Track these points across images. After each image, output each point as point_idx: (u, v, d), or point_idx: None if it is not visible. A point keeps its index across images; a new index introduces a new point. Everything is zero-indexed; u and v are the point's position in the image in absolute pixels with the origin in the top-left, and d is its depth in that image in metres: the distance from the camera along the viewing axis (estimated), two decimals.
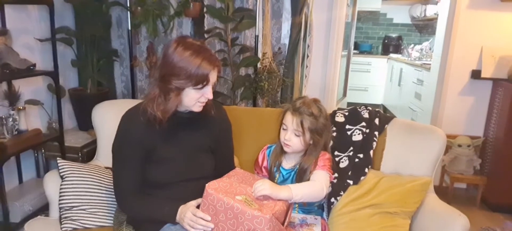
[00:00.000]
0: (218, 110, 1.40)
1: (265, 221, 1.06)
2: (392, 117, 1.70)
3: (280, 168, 1.35)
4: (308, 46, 2.59)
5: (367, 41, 5.73)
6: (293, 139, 1.27)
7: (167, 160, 1.28)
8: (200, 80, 1.18)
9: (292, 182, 1.31)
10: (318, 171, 1.26)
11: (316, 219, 1.36)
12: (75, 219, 1.39)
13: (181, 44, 1.18)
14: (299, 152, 1.32)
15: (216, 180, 1.19)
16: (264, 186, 1.13)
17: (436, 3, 4.59)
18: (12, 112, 2.03)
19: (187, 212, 1.17)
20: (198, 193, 1.20)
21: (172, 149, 1.29)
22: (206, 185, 1.15)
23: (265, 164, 1.41)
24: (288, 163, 1.35)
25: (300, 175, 1.29)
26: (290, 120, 1.27)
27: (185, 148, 1.31)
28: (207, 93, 1.22)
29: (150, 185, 1.28)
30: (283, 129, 1.30)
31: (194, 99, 1.22)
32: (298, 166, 1.32)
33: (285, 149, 1.31)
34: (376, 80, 5.45)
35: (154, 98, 1.22)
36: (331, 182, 1.50)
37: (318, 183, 1.23)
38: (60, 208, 1.42)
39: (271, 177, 1.36)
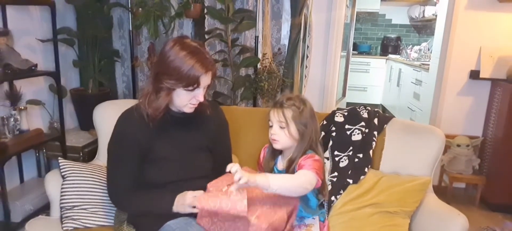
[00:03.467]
0: (214, 109, 1.41)
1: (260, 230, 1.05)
2: (391, 117, 1.71)
3: (274, 168, 1.35)
4: (308, 46, 2.60)
5: (366, 41, 5.74)
6: (278, 132, 1.26)
7: (164, 159, 1.29)
8: (190, 82, 1.17)
9: None
10: (304, 170, 1.22)
11: (314, 219, 1.36)
12: (76, 219, 1.39)
13: (178, 44, 1.18)
14: (289, 148, 1.31)
15: (218, 179, 1.19)
16: (240, 171, 1.02)
17: (434, 4, 4.61)
18: (13, 112, 2.04)
19: (186, 194, 1.20)
20: None
21: (168, 149, 1.29)
22: (208, 184, 1.16)
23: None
24: (281, 164, 1.35)
25: (287, 168, 1.29)
26: (273, 114, 1.27)
27: (181, 148, 1.31)
28: (198, 96, 1.22)
29: (147, 185, 1.29)
30: (270, 125, 1.31)
31: (185, 100, 1.22)
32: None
33: (274, 145, 1.30)
34: (375, 81, 5.46)
35: (147, 95, 1.23)
36: (330, 181, 1.51)
37: (297, 177, 1.19)
38: (61, 208, 1.42)
39: None
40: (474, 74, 2.69)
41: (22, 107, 2.09)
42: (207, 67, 1.19)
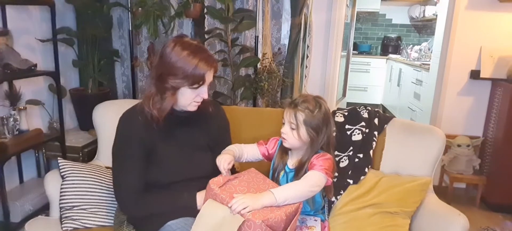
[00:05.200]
0: (215, 108, 1.42)
1: (254, 226, 1.05)
2: (392, 117, 1.71)
3: (286, 167, 1.35)
4: (308, 46, 2.60)
5: (366, 41, 5.74)
6: (288, 132, 1.25)
7: (167, 159, 1.28)
8: (196, 80, 1.19)
9: (292, 179, 1.30)
10: (313, 171, 1.22)
11: (316, 220, 1.36)
12: (76, 219, 1.39)
13: (178, 44, 1.20)
14: (299, 148, 1.31)
15: (221, 179, 1.19)
16: (242, 201, 1.08)
17: (435, 4, 4.60)
18: (13, 112, 2.04)
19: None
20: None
21: (171, 149, 1.29)
22: (210, 180, 1.16)
23: (272, 151, 1.39)
24: (291, 162, 1.35)
25: (298, 170, 1.28)
26: (287, 113, 1.27)
27: (183, 147, 1.31)
28: (203, 93, 1.24)
29: (150, 185, 1.28)
30: (283, 123, 1.30)
31: (189, 98, 1.23)
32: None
33: (283, 143, 1.30)
34: (375, 81, 5.46)
35: (151, 97, 1.24)
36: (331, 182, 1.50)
37: (303, 182, 1.19)
38: (60, 208, 1.42)
39: (276, 173, 1.36)
40: (475, 74, 2.68)
41: (22, 107, 2.08)
42: (211, 64, 1.21)
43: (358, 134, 1.63)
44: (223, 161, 1.22)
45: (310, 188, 1.19)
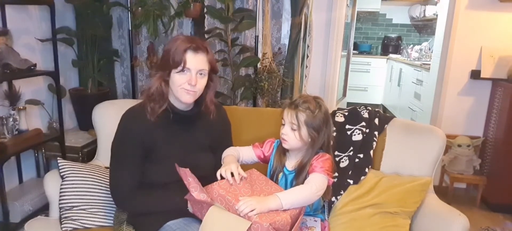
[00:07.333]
0: (217, 110, 1.41)
1: (261, 228, 1.04)
2: (392, 117, 1.70)
3: (284, 169, 1.34)
4: (308, 46, 2.59)
5: (366, 41, 5.74)
6: (289, 133, 1.25)
7: (167, 159, 1.28)
8: (177, 60, 1.20)
9: (292, 181, 1.30)
10: (315, 174, 1.23)
11: (315, 221, 1.35)
12: (75, 219, 1.39)
13: (176, 36, 1.30)
14: (298, 150, 1.30)
15: (225, 180, 1.19)
16: (249, 203, 1.08)
17: (435, 4, 4.60)
18: (12, 112, 2.04)
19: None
20: None
21: (171, 148, 1.29)
22: (214, 183, 1.16)
23: (268, 153, 1.39)
24: (290, 164, 1.34)
25: (299, 172, 1.28)
26: (287, 114, 1.27)
27: (184, 147, 1.31)
28: (191, 79, 1.22)
29: (150, 185, 1.28)
30: (282, 124, 1.30)
31: (178, 84, 1.23)
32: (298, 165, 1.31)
33: (283, 144, 1.30)
34: (375, 81, 5.45)
35: (148, 91, 1.27)
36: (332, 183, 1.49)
37: (308, 187, 1.19)
38: (60, 208, 1.42)
39: (275, 175, 1.36)
40: (475, 74, 2.68)
41: (21, 107, 2.08)
42: (192, 43, 1.22)
43: (359, 134, 1.63)
44: (231, 169, 1.19)
45: (316, 192, 1.19)
